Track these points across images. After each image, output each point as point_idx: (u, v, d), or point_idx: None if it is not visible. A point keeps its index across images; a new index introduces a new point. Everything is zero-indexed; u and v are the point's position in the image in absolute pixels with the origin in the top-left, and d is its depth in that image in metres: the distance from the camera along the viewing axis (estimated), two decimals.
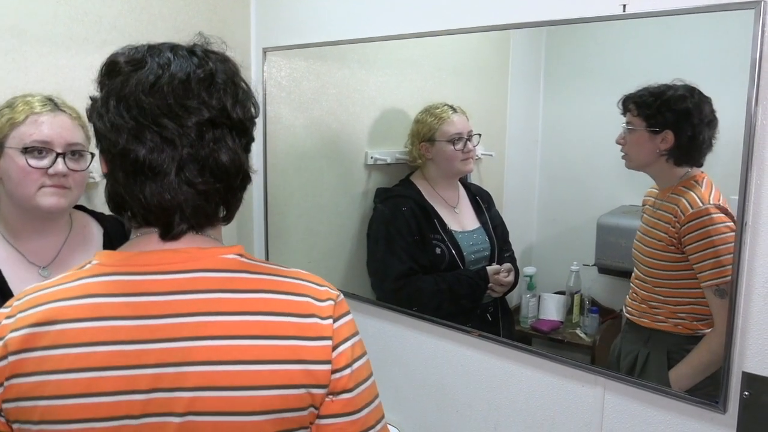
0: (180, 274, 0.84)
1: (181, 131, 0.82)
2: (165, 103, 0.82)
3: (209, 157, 0.84)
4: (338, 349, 0.87)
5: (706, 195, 1.44)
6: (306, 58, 1.98)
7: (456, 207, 2.02)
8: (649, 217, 1.58)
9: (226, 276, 0.86)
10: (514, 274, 2.00)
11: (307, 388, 0.84)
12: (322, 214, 2.07)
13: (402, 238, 1.89)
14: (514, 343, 1.52)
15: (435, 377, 1.65)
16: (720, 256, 1.38)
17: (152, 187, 0.83)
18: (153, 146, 0.82)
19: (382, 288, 1.93)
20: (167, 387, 0.80)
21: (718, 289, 1.38)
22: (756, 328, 1.13)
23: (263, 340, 0.83)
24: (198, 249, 0.87)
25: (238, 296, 0.84)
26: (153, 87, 0.82)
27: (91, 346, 0.80)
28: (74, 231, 1.46)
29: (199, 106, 0.83)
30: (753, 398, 1.14)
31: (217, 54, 0.90)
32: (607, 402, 1.33)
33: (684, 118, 1.46)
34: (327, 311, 0.88)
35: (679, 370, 1.46)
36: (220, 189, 0.86)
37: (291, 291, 0.88)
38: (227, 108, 0.86)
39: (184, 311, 0.82)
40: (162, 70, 0.83)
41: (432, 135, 1.94)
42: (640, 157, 1.57)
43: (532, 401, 1.46)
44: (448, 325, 1.61)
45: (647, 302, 1.56)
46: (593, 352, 2.04)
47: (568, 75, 2.20)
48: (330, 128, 2.02)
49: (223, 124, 0.85)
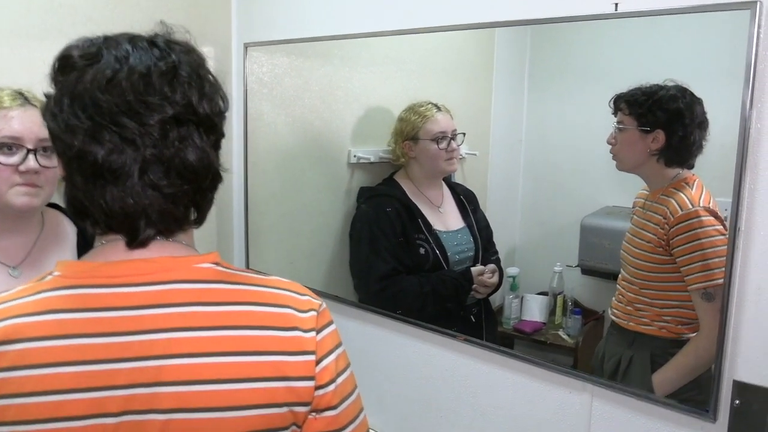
0: (150, 287, 0.78)
1: (142, 130, 0.75)
2: (124, 100, 0.74)
3: (174, 158, 0.77)
4: (322, 363, 0.82)
5: (696, 197, 1.42)
6: (288, 54, 1.93)
7: (440, 207, 1.99)
8: (638, 218, 1.56)
9: (202, 287, 0.79)
10: (499, 275, 1.96)
11: (290, 406, 0.79)
12: (304, 214, 2.02)
13: (386, 238, 1.85)
14: (500, 348, 1.48)
15: (419, 382, 1.61)
16: (708, 259, 1.37)
17: (113, 191, 0.76)
18: (112, 147, 0.74)
19: (364, 289, 1.89)
20: (139, 409, 0.74)
21: (705, 293, 1.36)
22: (747, 335, 1.10)
23: (243, 357, 0.77)
24: (170, 258, 0.80)
25: (215, 309, 0.78)
26: (110, 83, 0.75)
27: (57, 367, 0.73)
28: (46, 229, 1.39)
29: (161, 102, 0.76)
30: (744, 407, 1.12)
31: (181, 44, 0.82)
32: (595, 409, 1.30)
33: (676, 117, 1.44)
34: (309, 323, 0.82)
35: (663, 374, 1.44)
36: (188, 191, 0.79)
37: (271, 302, 0.82)
38: (193, 103, 0.78)
39: (156, 327, 0.76)
40: (120, 64, 0.76)
41: (415, 133, 1.90)
42: (631, 158, 1.54)
43: (518, 407, 1.42)
44: (432, 329, 1.57)
45: (633, 304, 1.55)
46: (576, 353, 2.03)
47: (552, 74, 2.18)
48: (312, 126, 1.98)
49: (189, 121, 0.78)
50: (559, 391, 1.35)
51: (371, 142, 2.06)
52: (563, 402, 1.35)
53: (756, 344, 1.09)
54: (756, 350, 1.10)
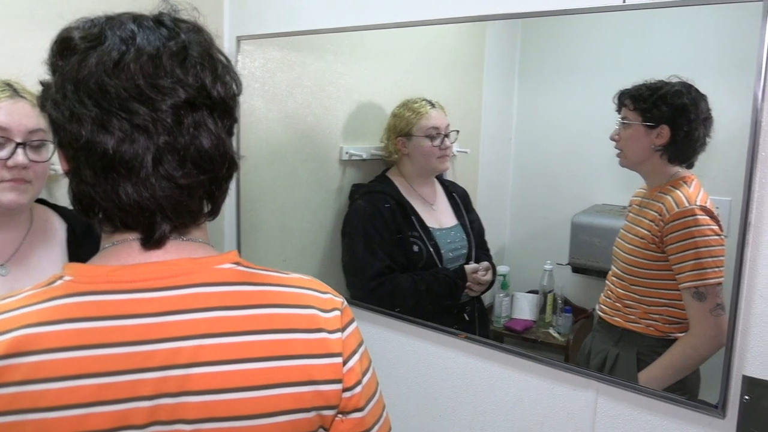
0: (172, 291, 0.73)
1: (155, 116, 0.69)
2: (133, 84, 0.68)
3: (190, 146, 0.71)
4: (348, 364, 0.78)
5: (693, 195, 1.42)
6: (281, 48, 1.88)
7: (434, 204, 1.96)
8: (634, 215, 1.56)
9: (225, 290, 0.75)
10: (492, 272, 1.94)
11: (318, 410, 0.76)
12: (296, 211, 1.98)
13: (380, 236, 1.81)
14: (502, 345, 1.46)
15: (417, 380, 1.57)
16: (701, 258, 1.37)
17: (127, 184, 0.70)
18: (123, 136, 0.68)
19: (358, 287, 1.86)
20: (166, 420, 0.70)
21: (697, 292, 1.36)
22: (757, 330, 1.09)
23: (270, 362, 0.73)
24: (189, 260, 0.75)
25: (240, 313, 0.74)
26: (117, 66, 0.69)
27: (77, 380, 0.67)
28: (35, 226, 1.33)
29: (173, 85, 0.70)
30: (753, 402, 1.10)
31: (188, 23, 0.76)
32: (600, 406, 1.28)
33: (681, 113, 1.44)
34: (334, 324, 0.79)
35: (649, 372, 1.43)
36: (204, 181, 0.74)
37: (295, 303, 0.78)
38: (206, 86, 0.72)
39: (181, 334, 0.71)
40: (126, 46, 0.70)
41: (409, 130, 1.87)
42: (635, 153, 1.53)
43: (521, 406, 1.39)
44: (431, 327, 1.54)
45: (622, 300, 1.54)
46: (567, 351, 2.01)
47: (543, 70, 2.17)
48: (304, 122, 1.93)
49: (203, 105, 0.72)
50: (563, 389, 1.33)
51: (363, 139, 2.03)
52: (567, 399, 1.32)
53: (766, 339, 1.08)
54: (765, 345, 1.08)
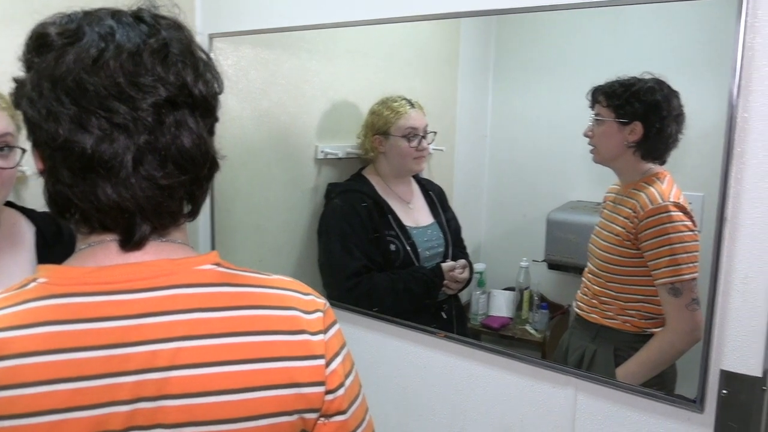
0: (150, 293, 0.71)
1: (135, 115, 0.67)
2: (113, 82, 0.66)
3: (171, 145, 0.69)
4: (330, 366, 0.77)
5: (666, 192, 1.43)
6: (254, 46, 1.85)
7: (410, 203, 1.95)
8: (609, 212, 1.56)
9: (205, 292, 0.73)
10: (469, 270, 1.93)
11: (300, 413, 0.74)
12: (271, 211, 1.95)
13: (356, 235, 1.80)
14: (481, 343, 1.45)
15: (395, 380, 1.56)
16: (676, 254, 1.38)
17: (106, 185, 0.68)
18: (102, 135, 0.66)
19: (335, 286, 1.84)
20: (144, 425, 0.68)
21: (672, 288, 1.37)
22: (734, 325, 1.09)
23: (252, 364, 0.71)
24: (168, 261, 0.73)
25: (220, 315, 0.72)
26: (96, 63, 0.67)
27: (51, 384, 0.65)
28: (2, 230, 1.29)
29: (154, 83, 0.68)
30: (731, 397, 1.11)
31: (168, 19, 0.74)
32: (580, 403, 1.28)
33: (653, 109, 1.45)
34: (317, 325, 0.77)
35: (626, 367, 1.44)
36: (185, 182, 0.72)
37: (277, 305, 0.76)
38: (188, 84, 0.70)
39: (160, 336, 0.69)
40: (105, 42, 0.68)
41: (387, 129, 1.86)
42: (608, 150, 1.54)
43: (500, 404, 1.39)
44: (409, 326, 1.53)
45: (598, 297, 1.55)
46: (543, 348, 2.02)
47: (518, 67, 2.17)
48: (279, 120, 1.91)
49: (185, 104, 0.71)
50: (542, 386, 1.33)
51: (338, 138, 2.01)
52: (547, 397, 1.32)
53: (743, 333, 1.09)
54: (743, 339, 1.09)
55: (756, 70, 1.04)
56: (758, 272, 1.06)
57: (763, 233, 1.05)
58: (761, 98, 1.04)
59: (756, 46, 1.03)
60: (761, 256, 1.06)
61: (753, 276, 1.07)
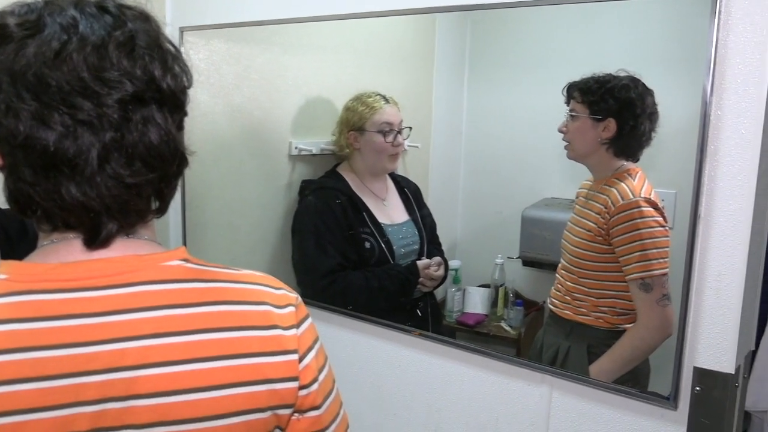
0: (116, 290, 0.68)
1: (100, 111, 0.64)
2: (76, 76, 0.64)
3: (139, 143, 0.67)
4: (303, 361, 0.76)
5: (637, 188, 1.44)
6: (227, 40, 1.82)
7: (385, 200, 1.94)
8: (581, 208, 1.57)
9: (172, 288, 0.71)
10: (444, 267, 1.93)
11: (273, 409, 0.73)
12: (244, 208, 1.92)
13: (331, 233, 1.78)
14: (456, 341, 1.45)
15: (370, 379, 1.55)
16: (646, 249, 1.39)
17: (70, 184, 0.65)
18: (64, 132, 0.64)
19: (310, 285, 1.82)
20: (113, 426, 0.66)
21: (643, 283, 1.38)
22: (707, 322, 1.10)
23: (223, 361, 0.70)
24: (135, 256, 0.71)
25: (190, 311, 0.70)
26: (58, 57, 0.64)
27: (13, 385, 0.62)
28: None
29: (120, 78, 0.65)
30: (704, 393, 1.12)
31: (134, 10, 0.71)
32: (555, 401, 1.28)
33: (627, 107, 1.46)
34: (289, 320, 0.76)
35: (599, 364, 1.45)
36: (153, 179, 0.70)
37: (248, 300, 0.74)
38: (156, 78, 0.68)
39: (127, 335, 0.67)
40: (67, 34, 0.65)
41: (362, 124, 1.84)
42: (582, 146, 1.55)
43: (475, 402, 1.38)
44: (384, 324, 1.52)
45: (571, 294, 1.55)
46: (518, 344, 2.03)
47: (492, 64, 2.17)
48: (252, 116, 1.88)
49: (152, 99, 0.68)
50: (517, 384, 1.32)
51: (313, 134, 1.99)
52: (522, 395, 1.32)
53: (716, 330, 1.09)
54: (716, 336, 1.09)
55: (729, 68, 1.04)
56: (731, 269, 1.07)
57: (736, 230, 1.06)
58: (734, 96, 1.04)
59: (729, 43, 1.03)
60: (734, 254, 1.06)
61: (726, 273, 1.07)
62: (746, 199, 1.04)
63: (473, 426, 1.39)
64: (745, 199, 1.04)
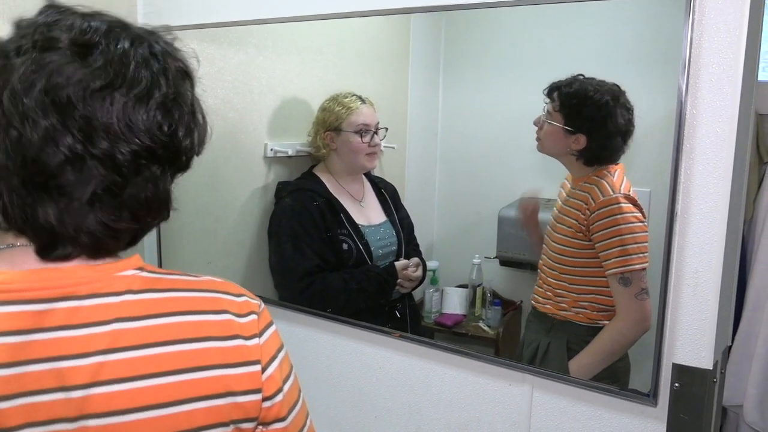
0: (68, 302, 0.66)
1: (112, 154, 0.63)
2: (106, 112, 0.62)
3: (135, 196, 0.66)
4: (267, 371, 0.73)
5: (617, 184, 1.46)
6: (199, 41, 1.80)
7: (362, 201, 1.94)
8: (562, 204, 1.59)
9: (128, 299, 0.68)
10: (422, 268, 1.93)
11: (236, 423, 0.71)
12: (219, 211, 1.91)
13: (308, 235, 1.77)
14: (436, 342, 1.45)
15: (351, 381, 1.54)
16: (626, 244, 1.41)
17: (50, 206, 0.63)
18: (70, 157, 0.62)
19: (287, 287, 1.81)
20: None
21: (622, 278, 1.40)
22: (686, 318, 1.11)
23: (182, 375, 0.67)
24: (87, 267, 0.68)
25: (145, 324, 0.68)
26: (102, 91, 0.62)
27: None
28: None
29: (147, 128, 0.64)
30: (683, 390, 1.13)
31: (178, 60, 0.70)
32: (536, 400, 1.28)
33: (599, 126, 1.50)
34: (251, 328, 0.74)
35: (579, 360, 1.47)
36: (134, 227, 0.70)
37: (207, 309, 0.72)
38: (178, 137, 0.68)
39: (79, 351, 0.64)
40: (114, 72, 0.63)
41: (339, 124, 1.84)
42: (551, 149, 1.59)
43: (457, 402, 1.39)
44: (363, 326, 1.51)
45: (553, 289, 1.57)
46: (497, 344, 2.04)
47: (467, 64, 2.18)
48: (226, 118, 1.86)
49: (164, 158, 0.67)
50: (498, 384, 1.33)
51: (288, 135, 1.98)
52: (503, 394, 1.32)
53: (694, 326, 1.11)
54: (694, 332, 1.11)
55: (704, 67, 1.05)
56: (707, 266, 1.08)
57: (712, 228, 1.07)
58: (709, 95, 1.06)
59: (704, 43, 1.05)
60: (710, 250, 1.08)
61: (702, 270, 1.09)
62: (722, 196, 1.06)
63: (455, 426, 1.40)
64: (720, 196, 1.06)
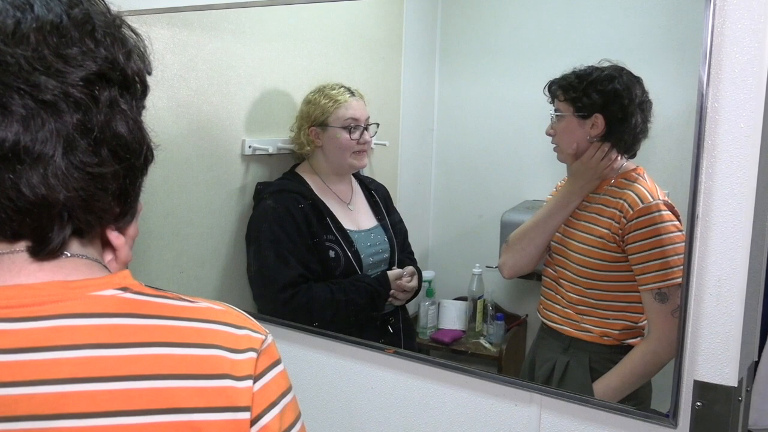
0: (33, 323, 0.65)
1: (65, 90, 0.63)
2: (37, 54, 0.63)
3: (105, 128, 0.66)
4: (260, 421, 0.70)
5: (654, 190, 1.45)
6: (171, 26, 1.82)
7: (350, 203, 1.95)
8: (581, 211, 1.57)
9: (101, 323, 0.67)
10: (417, 278, 1.95)
11: None
12: (192, 214, 1.91)
13: (291, 241, 1.78)
14: (434, 359, 1.46)
15: (340, 403, 1.55)
16: (667, 256, 1.39)
17: (32, 175, 0.63)
18: (26, 114, 0.62)
19: (268, 299, 1.82)
20: None
21: (659, 293, 1.39)
22: (708, 331, 1.13)
23: (152, 416, 0.65)
24: (60, 284, 0.67)
25: (117, 353, 0.66)
26: (15, 35, 0.63)
27: None
28: None
29: (83, 56, 0.65)
30: (706, 409, 1.14)
31: None
32: (544, 422, 1.30)
33: (613, 99, 1.48)
34: (245, 368, 0.70)
35: (606, 381, 1.47)
36: (119, 172, 0.68)
37: (194, 341, 0.69)
38: (118, 60, 0.68)
39: (41, 377, 0.63)
40: (22, 12, 0.64)
41: (325, 119, 1.85)
42: (571, 147, 1.57)
43: (458, 425, 1.40)
44: (353, 341, 1.53)
45: (574, 306, 1.55)
46: (500, 362, 2.05)
47: (466, 52, 2.19)
48: (200, 111, 1.88)
49: (117, 82, 0.68)
50: (503, 405, 1.35)
51: (269, 131, 2.00)
52: (508, 416, 1.34)
53: (717, 340, 1.12)
54: (716, 346, 1.13)
55: (726, 57, 1.08)
56: (731, 274, 1.10)
57: (736, 232, 1.08)
58: (731, 87, 1.07)
59: (726, 31, 1.07)
60: (734, 256, 1.09)
61: (726, 278, 1.11)
62: (746, 197, 1.07)
63: None
64: (745, 197, 1.07)
